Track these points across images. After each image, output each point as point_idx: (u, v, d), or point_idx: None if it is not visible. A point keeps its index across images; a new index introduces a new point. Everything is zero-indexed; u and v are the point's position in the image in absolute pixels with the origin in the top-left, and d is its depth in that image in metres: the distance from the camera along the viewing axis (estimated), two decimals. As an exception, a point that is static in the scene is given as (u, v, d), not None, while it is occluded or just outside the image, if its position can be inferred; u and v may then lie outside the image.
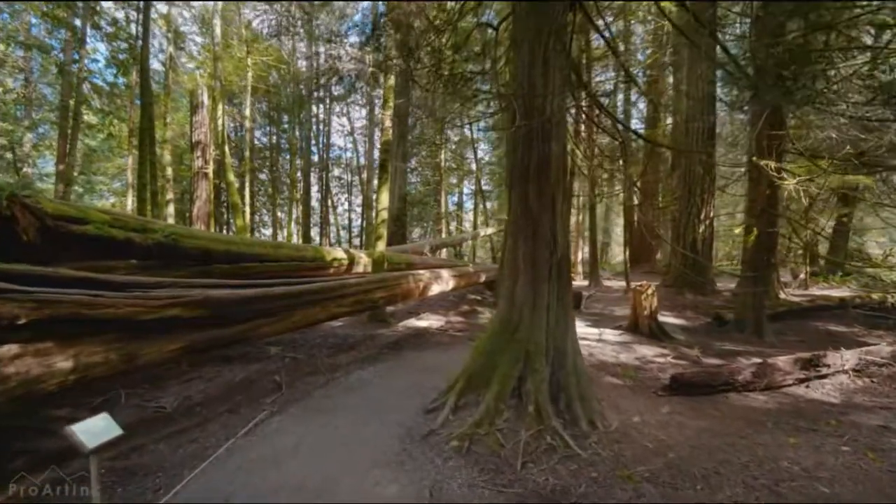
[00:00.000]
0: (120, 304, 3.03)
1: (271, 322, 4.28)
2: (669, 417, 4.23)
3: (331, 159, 29.52)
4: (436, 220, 26.96)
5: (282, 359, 5.28)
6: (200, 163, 13.46)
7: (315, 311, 4.79)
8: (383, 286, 5.96)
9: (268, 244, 6.15)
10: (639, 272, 19.55)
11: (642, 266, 20.64)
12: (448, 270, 7.95)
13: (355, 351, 5.86)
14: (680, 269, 12.01)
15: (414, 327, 7.37)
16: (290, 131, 21.30)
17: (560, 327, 3.87)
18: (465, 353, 6.14)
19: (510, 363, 3.70)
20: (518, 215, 3.96)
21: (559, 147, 3.94)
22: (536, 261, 3.85)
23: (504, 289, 4.07)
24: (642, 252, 21.05)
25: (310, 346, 5.94)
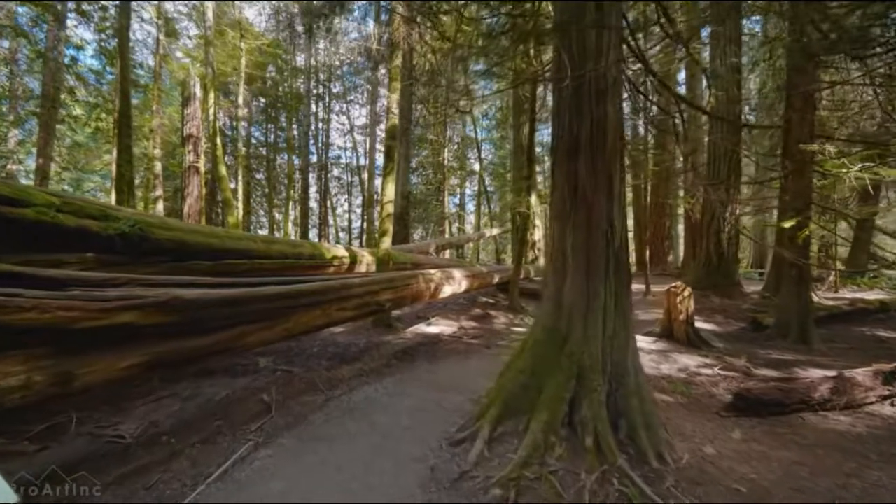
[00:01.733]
0: (47, 306, 2.24)
1: (259, 329, 3.49)
2: (746, 447, 3.45)
3: (330, 159, 28.80)
4: (437, 221, 26.22)
5: (273, 372, 4.48)
6: (192, 157, 12.69)
7: (313, 315, 4.00)
8: (391, 287, 5.18)
9: (258, 238, 5.37)
10: (650, 274, 18.83)
11: (654, 268, 19.90)
12: (460, 270, 7.18)
13: (359, 362, 5.06)
14: (702, 271, 11.25)
15: (423, 334, 6.58)
16: (287, 128, 20.54)
17: (619, 336, 3.09)
18: (484, 364, 5.37)
19: (560, 383, 2.92)
20: (565, 197, 3.18)
21: (615, 112, 3.18)
22: (590, 253, 3.08)
23: (549, 289, 3.28)
24: (654, 253, 20.33)
25: (306, 356, 5.14)
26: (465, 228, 31.28)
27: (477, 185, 33.29)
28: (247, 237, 5.22)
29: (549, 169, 3.25)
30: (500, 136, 27.14)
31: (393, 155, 6.84)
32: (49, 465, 2.55)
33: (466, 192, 33.81)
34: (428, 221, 27.89)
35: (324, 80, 24.56)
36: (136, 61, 13.03)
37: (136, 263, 4.03)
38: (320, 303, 4.07)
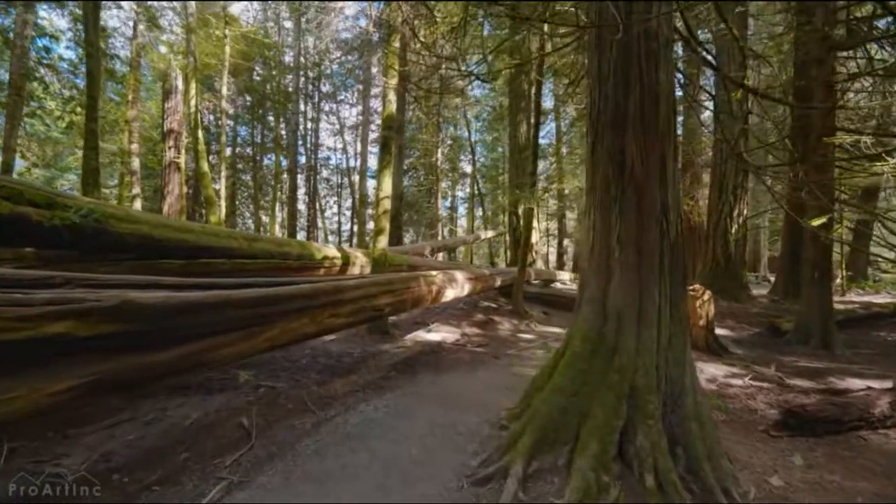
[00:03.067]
0: (-67, 314, 1.64)
1: (237, 340, 2.89)
2: (816, 476, 2.94)
3: (319, 160, 28.10)
4: (429, 224, 25.67)
5: (255, 388, 3.86)
6: (173, 153, 11.98)
7: (300, 322, 3.41)
8: (390, 290, 4.60)
9: (239, 235, 4.76)
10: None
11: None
12: (462, 272, 6.62)
13: (354, 375, 4.47)
14: (709, 274, 10.86)
15: (424, 341, 6.00)
16: (275, 127, 19.83)
17: (676, 347, 2.56)
18: (495, 376, 4.80)
19: (609, 406, 2.37)
20: (609, 180, 2.66)
21: (668, 80, 2.67)
22: (641, 246, 2.55)
23: (589, 290, 2.74)
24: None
25: (294, 368, 4.53)
26: (456, 231, 30.78)
27: (469, 188, 32.96)
28: (226, 233, 4.61)
29: (588, 146, 2.68)
30: (493, 138, 26.74)
31: (390, 146, 6.28)
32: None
33: (458, 195, 33.37)
34: (419, 224, 27.32)
35: (313, 77, 23.91)
36: (113, 50, 12.29)
37: (92, 261, 3.40)
38: (310, 308, 3.47)
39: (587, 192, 2.83)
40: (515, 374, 4.78)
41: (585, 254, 2.83)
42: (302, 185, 29.49)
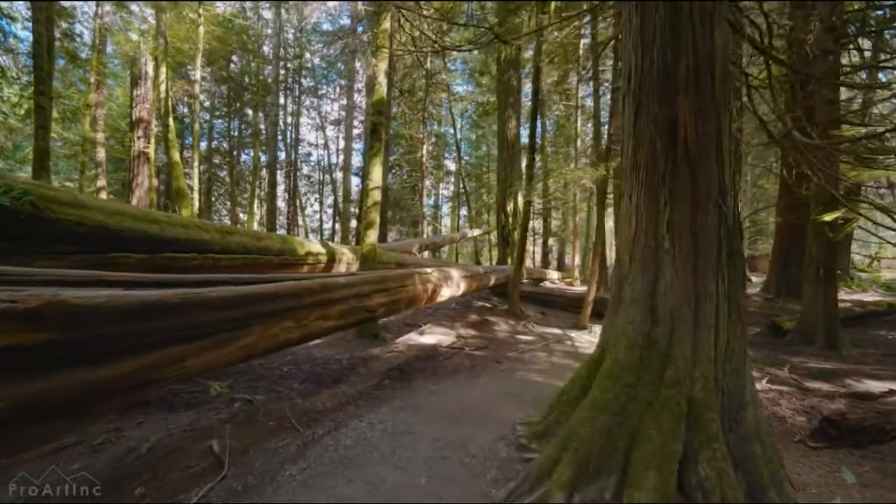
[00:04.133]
0: None
1: (205, 349, 2.37)
2: (875, 495, 2.61)
3: (300, 156, 27.26)
4: (413, 223, 25.16)
5: (229, 403, 3.34)
6: (142, 143, 11.19)
7: (283, 326, 2.90)
8: (383, 289, 4.12)
9: (212, 228, 4.21)
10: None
11: (636, 271, 19.49)
12: (457, 270, 6.18)
13: (343, 384, 3.97)
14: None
15: (417, 345, 5.53)
16: (254, 121, 19.01)
17: (735, 354, 2.17)
18: (499, 384, 4.36)
19: (666, 427, 1.96)
20: (657, 154, 2.26)
21: (724, 42, 2.27)
22: (697, 234, 2.15)
23: (633, 287, 2.33)
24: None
25: (274, 378, 4.00)
26: (440, 230, 30.35)
27: (453, 186, 32.52)
28: (196, 225, 4.05)
29: (629, 117, 2.25)
30: (479, 135, 26.40)
31: (380, 132, 5.79)
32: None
33: (442, 194, 32.96)
34: (403, 223, 26.77)
35: (293, 69, 23.12)
36: (79, 37, 11.41)
37: (27, 253, 2.83)
38: (295, 309, 2.98)
39: (628, 171, 2.42)
40: (521, 380, 4.37)
41: (625, 244, 2.42)
42: (281, 181, 28.58)
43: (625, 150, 2.49)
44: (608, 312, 2.55)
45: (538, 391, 4.04)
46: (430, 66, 19.21)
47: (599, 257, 7.93)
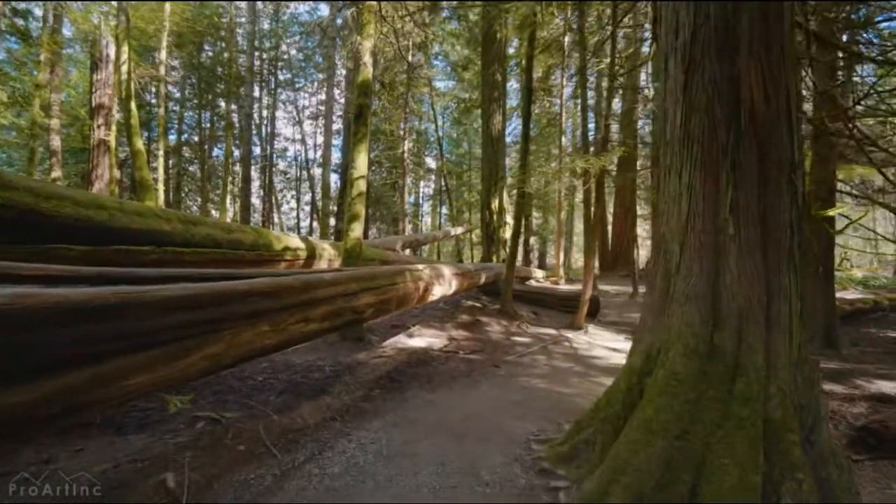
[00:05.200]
0: None
1: (155, 362, 1.88)
2: (942, 519, 2.31)
3: (276, 151, 26.35)
4: (392, 221, 24.66)
5: (190, 423, 2.82)
6: (103, 132, 10.35)
7: (258, 331, 2.42)
8: (373, 287, 3.66)
9: (173, 217, 3.67)
10: (615, 276, 18.36)
11: (619, 270, 19.50)
12: (449, 268, 5.76)
13: (327, 396, 3.49)
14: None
15: (407, 348, 5.08)
16: (226, 113, 18.12)
17: (807, 361, 1.81)
18: (502, 391, 3.89)
19: (740, 454, 1.58)
20: (716, 123, 1.88)
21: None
22: (767, 219, 1.79)
23: (686, 282, 1.95)
24: (619, 255, 19.95)
25: (246, 389, 3.49)
26: (421, 228, 29.93)
27: (433, 184, 32.10)
28: (154, 213, 3.50)
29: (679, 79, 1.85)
30: (460, 132, 26.07)
31: (366, 116, 5.31)
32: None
33: (422, 192, 32.54)
34: (383, 221, 26.20)
35: (269, 59, 22.26)
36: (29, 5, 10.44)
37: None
38: (270, 311, 2.49)
39: (676, 144, 2.04)
40: (524, 387, 3.97)
41: (674, 230, 2.04)
42: (256, 177, 27.61)
43: (669, 119, 2.12)
44: (649, 312, 2.17)
45: (544, 399, 3.66)
46: (412, 59, 18.76)
47: (595, 254, 7.63)
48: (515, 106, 21.29)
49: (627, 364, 2.19)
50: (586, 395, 3.78)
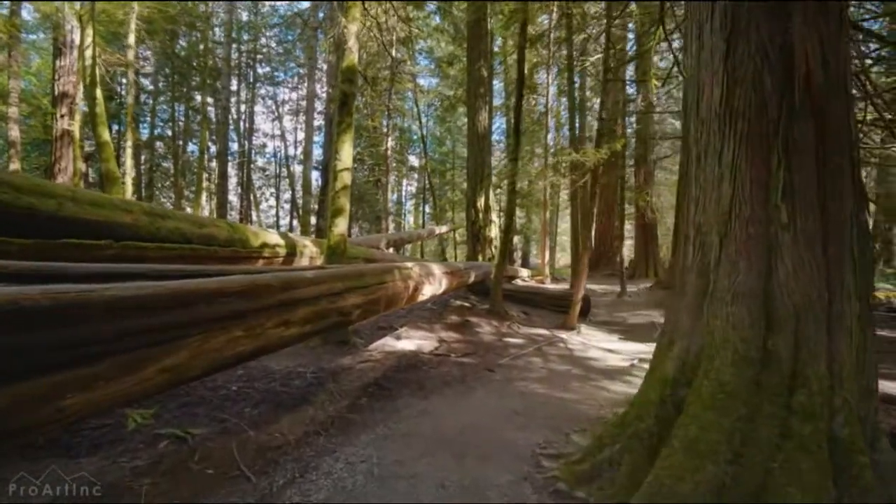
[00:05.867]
0: None
1: (97, 379, 1.54)
2: None
3: (254, 147, 25.61)
4: (375, 219, 24.24)
5: (152, 442, 2.47)
6: (66, 122, 9.73)
7: (229, 337, 2.09)
8: (360, 286, 3.35)
9: (136, 207, 3.29)
10: (599, 275, 18.34)
11: (602, 269, 19.51)
12: (438, 266, 5.47)
13: (309, 406, 3.17)
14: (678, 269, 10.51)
15: (396, 352, 4.77)
16: (202, 106, 17.42)
17: (867, 368, 1.59)
18: (499, 399, 3.61)
19: (806, 480, 1.34)
20: (765, 95, 1.64)
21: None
22: (827, 204, 1.57)
23: (732, 278, 1.72)
24: (602, 254, 19.96)
25: (218, 401, 3.14)
26: (404, 226, 29.61)
27: (416, 182, 31.73)
28: (112, 204, 3.11)
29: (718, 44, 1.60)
30: (444, 130, 25.81)
31: (351, 105, 4.98)
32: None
33: (404, 190, 32.19)
34: (366, 219, 25.74)
35: (247, 51, 21.58)
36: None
37: None
38: (245, 314, 2.17)
39: (715, 121, 1.81)
40: (523, 393, 3.72)
41: (713, 218, 1.80)
42: (234, 174, 26.81)
43: (705, 93, 1.88)
44: (682, 312, 1.93)
45: (545, 406, 3.41)
46: (396, 54, 18.39)
47: (590, 252, 7.50)
48: (500, 105, 21.18)
49: (657, 371, 1.95)
50: (589, 401, 3.55)
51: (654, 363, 2.04)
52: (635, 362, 4.79)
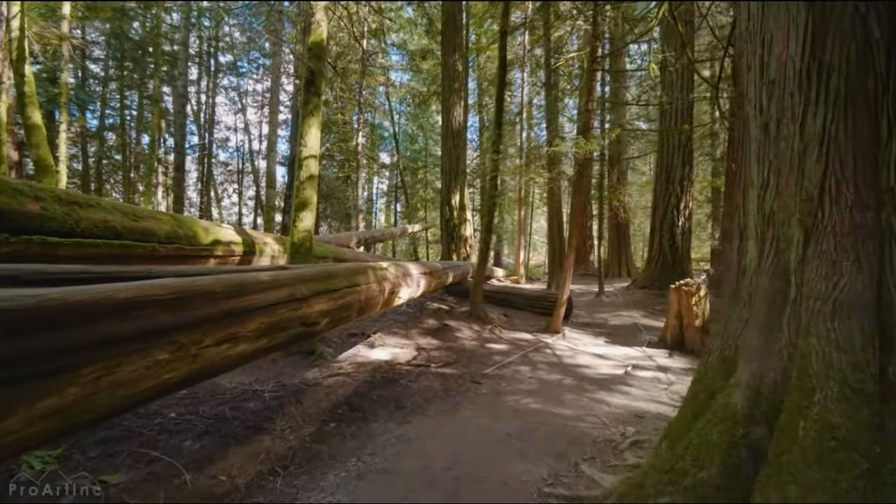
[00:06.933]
0: None
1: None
2: None
3: (216, 141, 24.29)
4: (345, 217, 23.45)
5: (51, 499, 1.88)
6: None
7: (148, 362, 1.56)
8: (328, 290, 2.84)
9: (45, 194, 2.65)
10: (574, 275, 18.26)
11: (576, 269, 19.48)
12: (416, 266, 4.99)
13: (266, 435, 2.63)
14: (656, 269, 10.42)
15: (368, 362, 4.25)
16: (154, 86, 16.19)
17: None
18: (490, 418, 3.03)
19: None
20: (869, 48, 1.25)
21: None
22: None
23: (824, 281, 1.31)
24: (576, 255, 19.93)
25: (150, 433, 2.55)
26: (374, 225, 28.92)
27: (387, 181, 31.00)
28: (10, 187, 2.47)
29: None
30: (417, 126, 25.26)
31: (319, 85, 4.42)
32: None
33: (375, 188, 31.45)
34: (335, 218, 24.88)
35: (208, 38, 20.37)
36: None
37: None
38: (169, 330, 1.64)
39: (792, 80, 1.41)
40: (515, 411, 3.29)
41: (790, 203, 1.41)
42: (194, 168, 25.38)
43: (775, 47, 1.50)
44: (748, 326, 1.53)
45: (542, 426, 2.99)
46: (367, 46, 17.73)
47: (574, 252, 7.20)
48: (472, 103, 20.80)
49: (718, 403, 1.54)
50: (590, 418, 3.16)
51: (700, 388, 1.64)
52: (629, 369, 4.46)
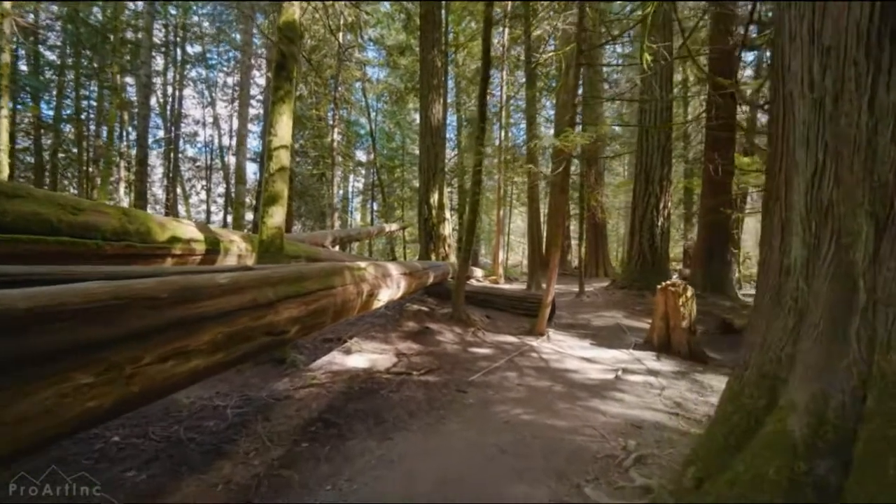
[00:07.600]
0: None
1: None
2: None
3: (183, 135, 23.25)
4: (319, 216, 22.85)
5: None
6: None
7: (65, 388, 1.23)
8: (298, 294, 2.53)
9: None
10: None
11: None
12: (395, 266, 4.69)
13: (227, 461, 2.29)
14: (636, 269, 10.40)
15: (345, 370, 3.93)
16: (114, 74, 15.28)
17: None
18: (479, 432, 2.71)
19: None
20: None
21: None
22: None
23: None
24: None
25: (87, 461, 2.17)
26: (350, 224, 28.37)
27: (363, 179, 30.45)
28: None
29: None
30: (394, 124, 24.85)
31: (291, 69, 4.06)
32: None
33: (351, 187, 30.85)
34: (309, 216, 24.21)
35: (176, 26, 19.46)
36: None
37: None
38: (97, 345, 1.31)
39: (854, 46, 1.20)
40: (506, 422, 3.04)
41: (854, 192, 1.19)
42: (160, 164, 24.27)
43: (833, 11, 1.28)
44: (806, 338, 1.31)
45: (536, 440, 2.75)
46: (343, 40, 17.27)
47: (560, 251, 7.03)
48: (451, 102, 20.56)
49: (768, 430, 1.31)
50: (586, 430, 2.93)
51: (734, 408, 1.42)
52: (619, 374, 4.28)
